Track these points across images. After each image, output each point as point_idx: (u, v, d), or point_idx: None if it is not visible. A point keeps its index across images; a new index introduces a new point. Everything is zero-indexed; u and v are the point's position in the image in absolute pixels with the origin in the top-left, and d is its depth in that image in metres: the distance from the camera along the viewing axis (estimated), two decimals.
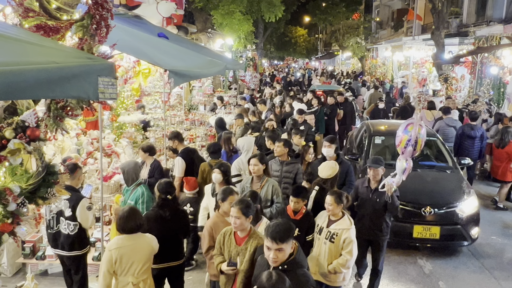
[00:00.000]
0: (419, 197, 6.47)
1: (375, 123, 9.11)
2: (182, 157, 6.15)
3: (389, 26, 32.07)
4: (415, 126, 4.74)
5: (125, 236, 3.87)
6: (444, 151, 7.89)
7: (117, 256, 3.77)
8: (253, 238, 3.67)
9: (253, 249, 3.60)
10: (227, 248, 3.75)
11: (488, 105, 12.70)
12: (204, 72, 7.05)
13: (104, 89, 2.20)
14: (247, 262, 3.59)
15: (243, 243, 3.67)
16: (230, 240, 3.74)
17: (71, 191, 4.59)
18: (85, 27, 2.58)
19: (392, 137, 6.90)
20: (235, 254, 3.69)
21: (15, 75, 1.64)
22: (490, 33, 14.76)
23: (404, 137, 4.77)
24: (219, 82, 18.23)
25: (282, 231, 2.99)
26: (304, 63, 60.83)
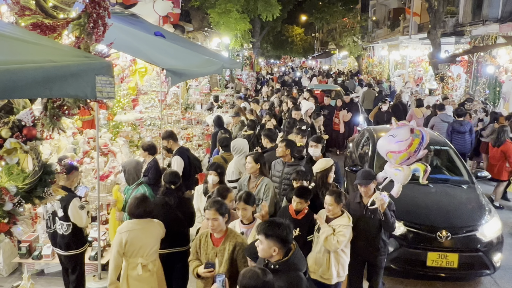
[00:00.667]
0: (433, 219, 5.62)
1: (379, 130, 8.12)
2: (180, 156, 6.13)
3: (385, 25, 32.13)
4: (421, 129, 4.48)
5: (135, 220, 4.13)
6: (458, 162, 7.10)
7: (127, 238, 4.01)
8: (230, 237, 3.67)
9: (231, 249, 3.60)
10: (204, 251, 3.74)
11: (484, 104, 12.74)
12: (201, 71, 7.03)
13: (101, 88, 2.19)
14: (226, 262, 3.58)
15: (220, 244, 3.66)
16: (207, 242, 3.73)
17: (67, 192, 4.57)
18: (82, 25, 2.56)
19: None
20: (212, 256, 3.67)
21: (12, 74, 1.63)
22: (486, 32, 14.83)
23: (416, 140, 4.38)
24: (216, 81, 18.19)
25: (265, 226, 3.08)
26: (301, 62, 60.86)
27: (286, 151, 5.70)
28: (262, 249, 3.05)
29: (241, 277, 2.69)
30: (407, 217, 5.66)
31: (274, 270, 2.89)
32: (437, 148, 7.48)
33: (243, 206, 4.07)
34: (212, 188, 4.95)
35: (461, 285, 5.86)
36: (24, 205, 2.78)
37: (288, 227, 3.14)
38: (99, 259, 5.48)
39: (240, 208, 4.09)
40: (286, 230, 3.09)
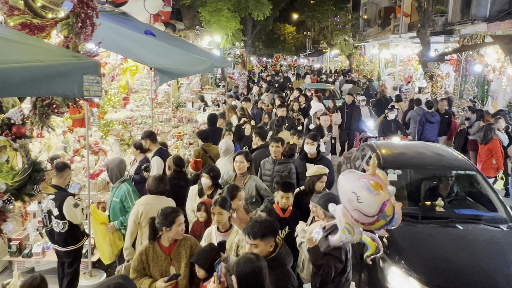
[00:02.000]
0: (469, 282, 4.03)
1: (385, 147, 6.51)
2: (159, 156, 6.05)
3: (376, 24, 32.30)
4: (395, 206, 3.18)
5: (151, 195, 4.66)
6: (489, 191, 5.50)
7: (143, 210, 4.51)
8: (183, 241, 3.60)
9: (188, 251, 3.55)
10: (155, 264, 3.56)
11: (473, 102, 12.92)
12: (190, 70, 7.06)
13: (89, 87, 2.23)
14: (187, 266, 3.52)
15: (173, 250, 3.57)
16: (156, 254, 3.57)
17: (57, 190, 4.62)
18: (70, 25, 2.60)
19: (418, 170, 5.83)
20: (167, 265, 3.56)
21: (2, 73, 1.67)
22: (475, 31, 15.00)
23: (381, 222, 3.16)
24: (207, 80, 18.22)
25: (257, 228, 3.09)
26: (293, 60, 60.95)
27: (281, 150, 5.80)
28: (260, 251, 3.08)
29: (236, 265, 2.76)
30: (428, 276, 4.09)
31: None
32: (460, 173, 5.84)
33: (219, 211, 3.83)
34: (207, 191, 4.95)
35: None
36: (14, 202, 2.82)
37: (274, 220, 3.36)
38: (90, 257, 5.52)
39: (216, 212, 3.85)
40: (275, 223, 3.26)
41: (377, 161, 4.72)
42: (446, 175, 5.64)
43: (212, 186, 4.91)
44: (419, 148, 6.61)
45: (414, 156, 6.19)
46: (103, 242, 5.07)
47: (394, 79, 22.60)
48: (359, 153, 7.36)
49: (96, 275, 5.61)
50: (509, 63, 11.48)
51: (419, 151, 6.37)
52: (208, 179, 4.87)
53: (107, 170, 5.37)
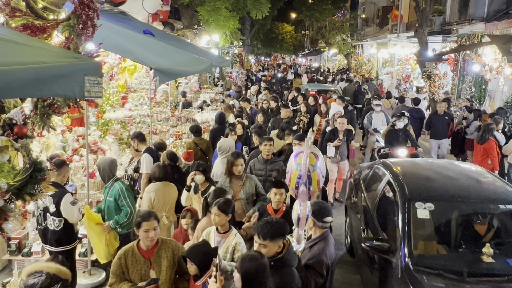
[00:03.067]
0: None
1: (406, 170, 5.23)
2: (149, 153, 6.11)
3: (374, 23, 32.37)
4: (304, 156, 3.45)
5: (159, 182, 5.25)
6: None
7: (155, 196, 5.13)
8: (164, 244, 3.57)
9: (169, 254, 3.51)
10: (134, 267, 3.53)
11: (470, 102, 12.97)
12: (189, 70, 7.09)
13: (90, 88, 2.26)
14: (168, 269, 3.49)
15: (154, 254, 3.54)
16: (135, 258, 3.54)
17: (56, 187, 4.63)
18: (71, 26, 2.63)
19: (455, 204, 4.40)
20: (146, 269, 3.53)
21: (5, 75, 1.70)
22: (472, 31, 15.05)
23: (294, 173, 3.48)
24: (205, 79, 18.23)
25: (267, 229, 3.12)
26: (291, 60, 60.98)
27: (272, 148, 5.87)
28: (268, 251, 3.11)
29: (241, 263, 2.80)
30: None
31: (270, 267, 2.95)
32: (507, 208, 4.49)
33: (216, 212, 3.80)
34: (201, 187, 5.02)
35: None
36: (15, 201, 2.85)
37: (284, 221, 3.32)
38: (89, 256, 5.55)
39: (213, 213, 3.82)
40: (286, 225, 3.27)
41: (400, 191, 4.48)
42: (493, 211, 4.47)
43: (206, 181, 5.02)
44: (450, 171, 5.14)
45: (447, 183, 4.72)
46: (98, 242, 5.07)
47: (392, 78, 22.64)
48: (370, 173, 6.04)
49: (95, 274, 5.64)
50: (506, 63, 11.53)
51: (451, 176, 4.95)
52: (200, 175, 4.99)
53: (98, 170, 5.37)
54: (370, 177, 5.99)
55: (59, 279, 3.08)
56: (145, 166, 5.99)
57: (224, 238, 3.85)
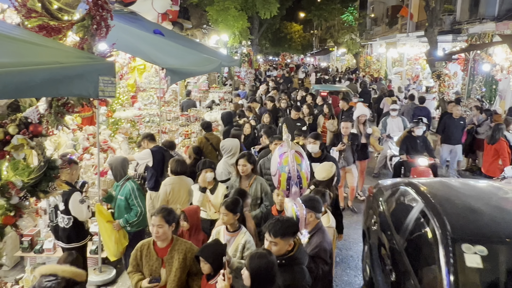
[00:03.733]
0: None
1: (442, 194, 4.39)
2: (153, 152, 6.23)
3: (383, 23, 32.19)
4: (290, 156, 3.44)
5: (175, 176, 5.43)
6: None
7: (171, 189, 5.30)
8: (177, 245, 3.59)
9: (182, 256, 3.53)
10: (147, 262, 3.61)
11: (480, 102, 12.87)
12: (200, 70, 7.14)
13: (104, 88, 2.31)
14: (177, 271, 3.50)
15: (167, 253, 3.57)
16: (149, 253, 3.62)
17: (70, 187, 4.71)
18: (85, 27, 2.68)
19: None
20: (157, 266, 3.58)
21: (24, 75, 1.75)
22: (483, 30, 14.93)
23: (282, 175, 3.43)
24: (214, 78, 18.28)
25: (278, 227, 3.15)
26: (299, 59, 60.88)
27: None
28: (278, 249, 3.14)
29: (249, 260, 2.83)
30: None
31: (280, 265, 2.99)
32: None
33: (224, 212, 3.88)
34: (208, 185, 5.08)
35: None
36: (29, 198, 2.91)
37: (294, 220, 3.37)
38: (100, 253, 5.61)
39: (222, 212, 3.91)
40: (296, 223, 3.32)
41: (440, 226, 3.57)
42: None
43: (213, 180, 5.11)
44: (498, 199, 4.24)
45: (499, 217, 3.74)
46: (108, 240, 5.14)
47: (401, 78, 22.52)
48: (395, 196, 5.06)
49: (106, 271, 5.71)
50: None
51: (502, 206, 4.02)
52: (211, 173, 5.09)
53: (110, 169, 5.45)
54: (395, 201, 5.00)
55: (75, 282, 3.12)
56: (139, 154, 6.25)
57: (234, 236, 3.90)
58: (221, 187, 5.19)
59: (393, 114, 10.02)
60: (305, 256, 3.32)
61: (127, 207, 5.16)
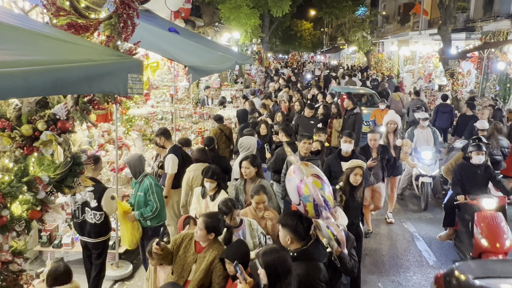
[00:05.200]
0: None
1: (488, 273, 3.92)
2: (174, 153, 6.14)
3: (395, 21, 31.98)
4: (310, 185, 3.23)
5: (197, 163, 5.76)
6: None
7: (194, 175, 5.64)
8: (212, 248, 3.61)
9: (211, 259, 3.55)
10: (183, 253, 3.68)
11: (494, 101, 12.75)
12: (218, 68, 7.19)
13: (132, 85, 2.35)
14: (202, 272, 3.54)
15: (202, 251, 3.63)
16: (190, 245, 3.69)
17: (94, 183, 4.79)
18: (112, 25, 2.72)
19: None
20: (191, 260, 3.64)
21: (61, 72, 1.79)
22: (497, 28, 14.77)
23: (308, 205, 3.23)
24: (225, 76, 18.34)
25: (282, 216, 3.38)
26: (309, 57, 60.72)
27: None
28: (280, 236, 3.29)
29: (263, 256, 2.87)
30: None
31: (292, 258, 3.04)
32: None
33: None
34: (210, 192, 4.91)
35: None
36: (55, 193, 2.97)
37: (299, 219, 3.28)
38: (117, 248, 5.69)
39: None
40: (296, 222, 3.26)
41: None
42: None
43: (216, 187, 4.90)
44: None
45: None
46: (125, 230, 5.31)
47: (413, 76, 22.36)
48: None
49: (122, 266, 5.78)
50: None
51: None
52: (212, 183, 4.85)
53: (129, 167, 5.45)
54: None
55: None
56: (170, 167, 6.04)
57: (238, 231, 3.99)
58: (222, 195, 4.89)
59: (423, 124, 8.41)
60: (321, 253, 3.32)
61: (145, 202, 5.23)
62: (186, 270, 3.66)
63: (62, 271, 3.59)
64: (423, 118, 8.43)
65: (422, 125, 8.38)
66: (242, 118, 8.51)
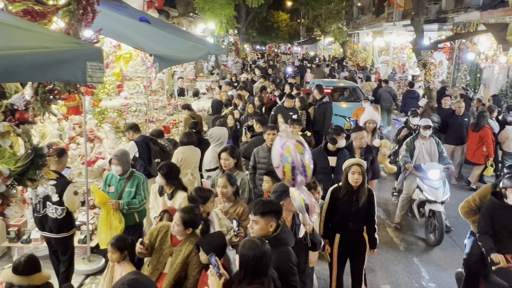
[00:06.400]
0: None
1: None
2: (136, 143, 6.16)
3: (370, 12, 32.24)
4: (291, 146, 3.37)
5: (185, 146, 6.24)
6: None
7: (182, 157, 6.12)
8: (189, 241, 3.56)
9: (187, 253, 3.52)
10: (160, 244, 3.65)
11: (465, 90, 13.04)
12: (187, 57, 7.09)
13: (92, 73, 2.28)
14: (178, 265, 3.51)
15: (178, 245, 3.59)
16: (166, 237, 3.66)
17: (57, 176, 4.66)
18: (71, 12, 2.63)
19: None
20: (167, 253, 3.61)
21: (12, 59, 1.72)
22: (468, 19, 15.06)
23: (286, 166, 3.38)
24: (201, 67, 18.17)
25: (258, 206, 3.23)
26: (286, 48, 60.74)
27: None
28: (260, 228, 3.20)
29: (241, 247, 2.86)
30: None
31: None
32: None
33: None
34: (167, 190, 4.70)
35: None
36: (16, 187, 2.87)
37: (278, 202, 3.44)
38: (88, 242, 5.59)
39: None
40: (278, 204, 3.38)
41: None
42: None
43: (169, 184, 4.64)
44: None
45: None
46: (103, 226, 5.03)
47: (387, 66, 22.67)
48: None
49: (94, 260, 5.68)
50: (501, 51, 11.58)
51: None
52: (160, 178, 4.62)
53: (121, 163, 5.04)
54: None
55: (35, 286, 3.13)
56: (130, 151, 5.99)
57: None
58: (180, 195, 4.65)
59: (425, 134, 6.74)
60: (290, 236, 3.35)
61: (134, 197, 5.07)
62: (162, 263, 3.64)
63: (29, 260, 3.45)
64: (425, 125, 6.75)
65: (423, 134, 6.75)
66: (216, 109, 8.45)
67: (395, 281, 5.58)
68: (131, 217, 5.10)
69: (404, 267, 5.93)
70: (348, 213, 4.48)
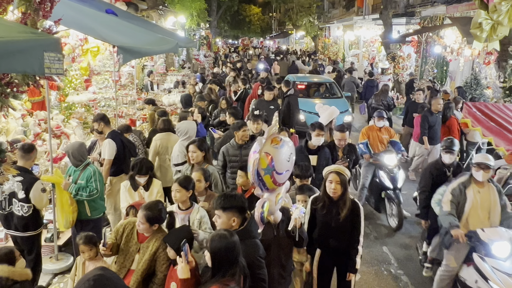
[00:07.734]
0: None
1: None
2: (112, 139, 5.89)
3: (340, 6, 32.56)
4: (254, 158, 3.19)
5: (163, 133, 6.46)
6: None
7: (160, 143, 6.35)
8: (156, 237, 3.53)
9: (154, 249, 3.49)
10: (126, 242, 3.60)
11: (432, 83, 13.37)
12: (154, 49, 6.96)
13: (50, 64, 2.19)
14: (146, 262, 3.47)
15: (145, 241, 3.56)
16: (132, 234, 3.61)
17: (24, 173, 4.51)
18: (28, 1, 2.52)
19: None
20: (134, 250, 3.58)
21: None
22: (434, 13, 15.41)
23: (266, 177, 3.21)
24: (172, 61, 17.91)
25: (220, 200, 3.23)
26: (259, 42, 60.67)
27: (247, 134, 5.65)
28: (222, 222, 3.19)
29: (211, 241, 2.85)
30: None
31: None
32: None
33: (177, 188, 3.90)
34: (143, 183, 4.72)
35: None
36: None
37: (242, 197, 3.39)
38: (56, 241, 5.44)
39: (174, 189, 3.93)
40: (241, 200, 3.31)
41: None
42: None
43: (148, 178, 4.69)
44: None
45: None
46: (60, 209, 4.94)
47: (358, 60, 22.97)
48: None
49: (63, 259, 5.55)
50: (466, 45, 11.90)
51: None
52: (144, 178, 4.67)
53: (68, 156, 5.09)
54: None
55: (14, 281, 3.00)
56: (107, 152, 5.79)
57: (187, 214, 3.93)
58: (156, 183, 4.75)
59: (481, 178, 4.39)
60: (256, 229, 3.35)
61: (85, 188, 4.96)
62: (129, 260, 3.60)
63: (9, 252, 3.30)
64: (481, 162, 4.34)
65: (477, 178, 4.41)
66: (185, 104, 8.34)
67: None
68: (82, 210, 4.98)
69: None
70: (327, 228, 4.00)
